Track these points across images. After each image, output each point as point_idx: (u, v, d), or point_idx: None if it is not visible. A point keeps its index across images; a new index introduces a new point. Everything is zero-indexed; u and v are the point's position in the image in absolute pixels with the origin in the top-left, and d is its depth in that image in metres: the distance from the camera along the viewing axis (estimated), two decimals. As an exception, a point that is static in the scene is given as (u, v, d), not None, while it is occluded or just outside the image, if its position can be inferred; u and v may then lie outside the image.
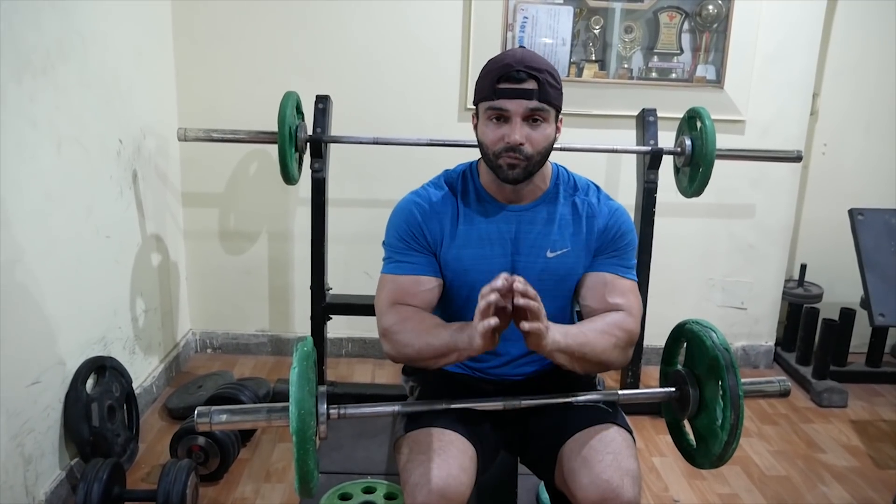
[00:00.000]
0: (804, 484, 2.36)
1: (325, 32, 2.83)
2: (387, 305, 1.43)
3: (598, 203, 1.50)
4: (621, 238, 1.49)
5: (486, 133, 1.40)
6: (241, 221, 3.04)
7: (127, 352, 2.46)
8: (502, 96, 1.35)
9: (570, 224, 1.48)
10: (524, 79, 1.35)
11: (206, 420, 1.24)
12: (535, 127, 1.38)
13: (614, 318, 1.42)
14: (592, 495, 1.28)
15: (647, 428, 2.63)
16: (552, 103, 1.38)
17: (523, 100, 1.35)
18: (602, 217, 1.48)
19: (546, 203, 1.49)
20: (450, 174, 1.54)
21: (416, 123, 2.85)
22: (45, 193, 1.94)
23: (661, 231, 2.67)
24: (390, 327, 1.40)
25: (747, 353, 3.25)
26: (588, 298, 1.48)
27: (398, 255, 1.47)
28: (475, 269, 1.45)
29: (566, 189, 1.51)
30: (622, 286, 1.46)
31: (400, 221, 1.48)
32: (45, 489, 1.95)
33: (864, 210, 2.61)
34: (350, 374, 3.04)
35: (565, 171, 1.54)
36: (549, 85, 1.36)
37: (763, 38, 2.88)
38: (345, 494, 2.10)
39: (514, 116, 1.36)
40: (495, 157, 1.39)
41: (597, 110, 2.90)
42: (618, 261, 1.48)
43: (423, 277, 1.46)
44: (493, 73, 1.37)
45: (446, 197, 1.49)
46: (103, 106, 2.26)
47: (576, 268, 1.48)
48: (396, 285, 1.45)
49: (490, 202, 1.48)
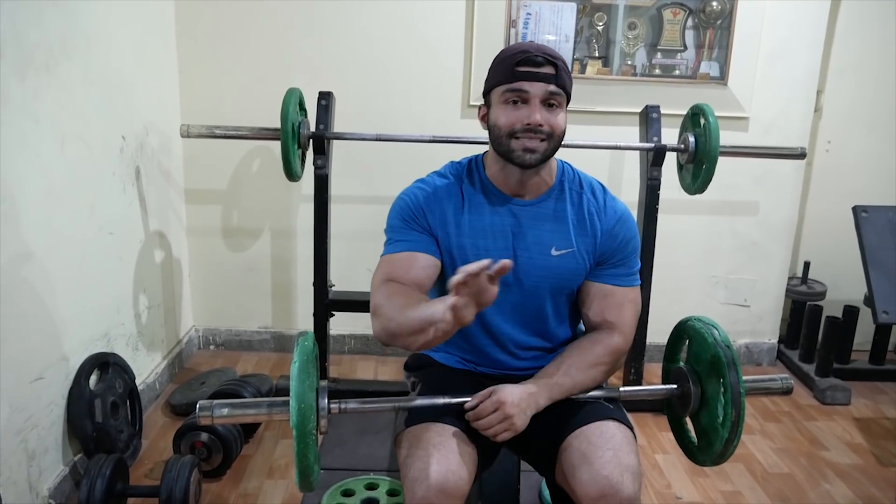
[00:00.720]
0: (807, 481, 2.35)
1: (327, 29, 2.83)
2: (379, 282, 1.42)
3: (605, 205, 1.50)
4: (626, 245, 1.50)
5: (502, 116, 1.41)
6: (244, 218, 3.05)
7: (130, 348, 2.47)
8: (522, 79, 1.38)
9: (576, 224, 1.48)
10: (543, 63, 1.38)
11: (207, 414, 1.25)
12: (551, 111, 1.40)
13: (605, 344, 1.46)
14: (592, 491, 1.28)
15: (649, 425, 2.63)
16: (567, 90, 1.41)
17: (543, 83, 1.38)
18: (608, 221, 1.49)
19: (552, 199, 1.49)
20: (455, 165, 1.55)
21: (418, 120, 2.85)
22: (49, 190, 1.94)
23: (665, 228, 2.66)
24: (378, 304, 1.37)
25: (750, 350, 3.24)
26: (587, 308, 1.51)
27: (396, 236, 1.47)
28: (476, 259, 1.44)
29: (572, 186, 1.51)
30: (621, 299, 1.49)
31: (403, 205, 1.48)
32: (49, 485, 1.95)
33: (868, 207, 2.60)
34: (352, 370, 3.04)
35: (570, 167, 1.54)
36: (564, 71, 1.40)
37: (767, 34, 2.87)
38: (347, 491, 2.10)
39: (533, 98, 1.39)
40: (510, 137, 1.40)
41: (600, 107, 2.90)
42: (622, 269, 1.50)
43: (418, 254, 1.44)
44: (512, 58, 1.40)
45: (451, 186, 1.50)
46: (106, 103, 2.27)
47: (579, 268, 1.48)
48: (391, 262, 1.44)
49: (495, 194, 1.48)
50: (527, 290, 1.48)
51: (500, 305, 1.37)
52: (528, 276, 1.47)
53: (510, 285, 1.46)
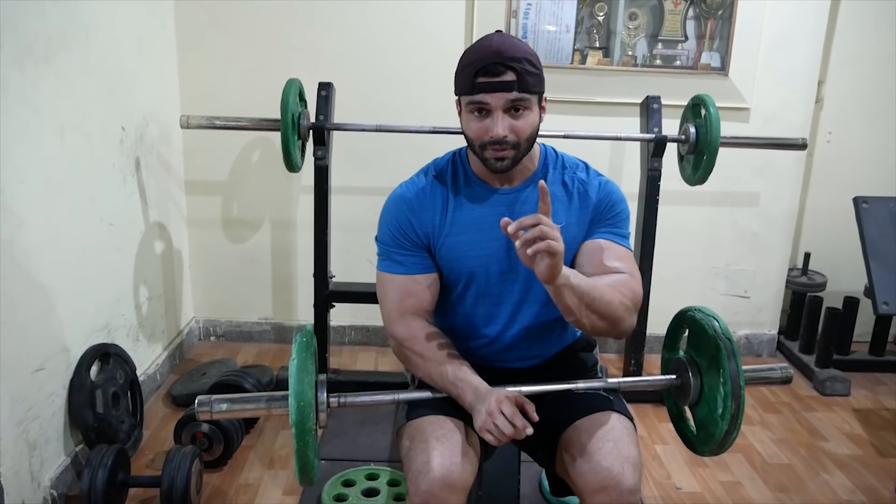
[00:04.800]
0: (806, 472, 2.36)
1: (328, 19, 2.82)
2: (396, 314, 1.47)
3: (588, 178, 1.50)
4: (613, 208, 1.48)
5: (470, 126, 1.40)
6: (244, 209, 3.04)
7: (131, 339, 2.47)
8: (482, 90, 1.35)
9: (564, 199, 1.47)
10: (502, 71, 1.33)
11: (206, 409, 1.25)
12: (517, 116, 1.37)
13: (619, 277, 1.40)
14: (593, 482, 1.29)
15: (649, 416, 2.63)
16: (532, 91, 1.37)
17: (503, 92, 1.34)
18: (593, 191, 1.48)
19: (536, 182, 1.47)
20: (438, 162, 1.55)
21: (419, 111, 2.84)
22: (48, 181, 1.94)
23: (665, 219, 2.65)
24: (402, 341, 1.46)
25: (750, 341, 3.25)
26: (585, 266, 1.44)
27: (391, 254, 1.48)
28: (470, 254, 1.45)
29: (555, 167, 1.51)
30: (619, 252, 1.45)
31: (390, 219, 1.49)
32: (50, 475, 1.96)
33: (868, 198, 2.60)
34: (353, 361, 3.05)
35: (553, 150, 1.54)
36: (527, 73, 1.34)
37: (768, 25, 2.86)
38: (348, 481, 2.11)
39: (494, 110, 1.36)
40: (481, 149, 1.40)
41: (600, 98, 2.89)
42: (612, 229, 1.47)
43: (418, 276, 1.47)
44: (471, 66, 1.36)
45: (435, 186, 1.49)
46: (105, 93, 2.26)
47: (574, 242, 1.47)
48: (396, 287, 1.47)
49: (480, 186, 1.48)
50: (524, 276, 1.46)
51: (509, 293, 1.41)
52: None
53: (508, 273, 1.46)
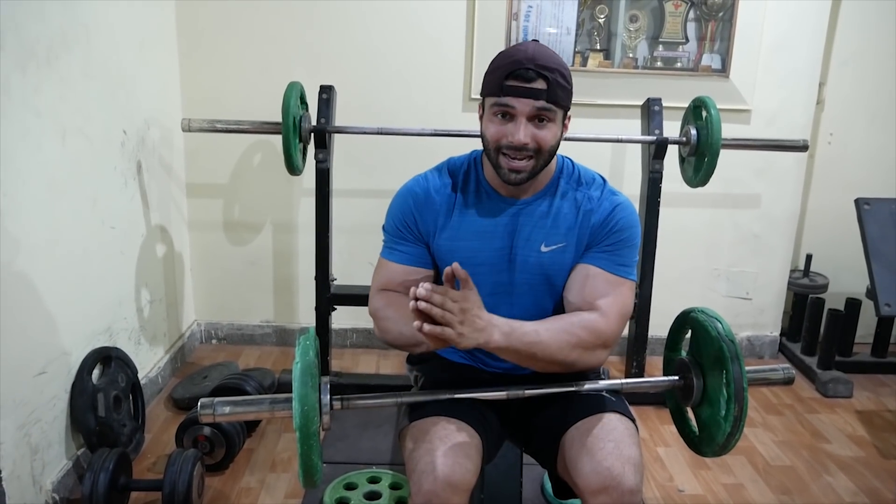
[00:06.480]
0: (809, 474, 2.36)
1: (329, 22, 2.82)
2: (376, 289, 1.51)
3: (600, 197, 1.46)
4: (618, 233, 1.43)
5: (490, 128, 1.38)
6: (246, 212, 3.04)
7: (132, 342, 2.47)
8: (510, 94, 1.33)
9: (569, 218, 1.45)
10: (533, 78, 1.32)
11: (209, 412, 1.25)
12: (540, 126, 1.35)
13: (582, 318, 1.37)
14: (594, 483, 1.29)
15: (651, 418, 2.63)
16: (560, 104, 1.35)
17: (531, 99, 1.32)
18: (601, 212, 1.44)
19: (547, 196, 1.46)
20: (453, 162, 1.54)
21: (420, 114, 2.84)
22: (50, 184, 1.94)
23: (666, 221, 2.66)
24: (376, 311, 1.48)
25: (752, 343, 3.24)
26: (568, 290, 1.44)
27: (393, 243, 1.51)
28: (469, 261, 1.42)
29: (569, 182, 1.48)
30: (605, 283, 1.40)
31: (396, 210, 1.50)
32: (52, 478, 1.96)
33: (870, 200, 2.60)
34: (355, 364, 3.05)
35: (571, 163, 1.52)
36: (558, 85, 1.33)
37: (769, 26, 2.86)
38: (350, 484, 2.11)
39: (519, 116, 1.34)
40: (495, 152, 1.38)
41: (602, 100, 2.89)
42: (609, 255, 1.43)
43: (411, 268, 1.49)
44: (503, 68, 1.34)
45: (445, 186, 1.49)
46: (107, 97, 2.26)
47: (569, 264, 1.45)
48: (388, 271, 1.50)
49: (491, 194, 1.47)
50: (520, 288, 1.47)
51: (498, 306, 1.36)
52: (521, 274, 1.45)
53: (506, 284, 1.46)
